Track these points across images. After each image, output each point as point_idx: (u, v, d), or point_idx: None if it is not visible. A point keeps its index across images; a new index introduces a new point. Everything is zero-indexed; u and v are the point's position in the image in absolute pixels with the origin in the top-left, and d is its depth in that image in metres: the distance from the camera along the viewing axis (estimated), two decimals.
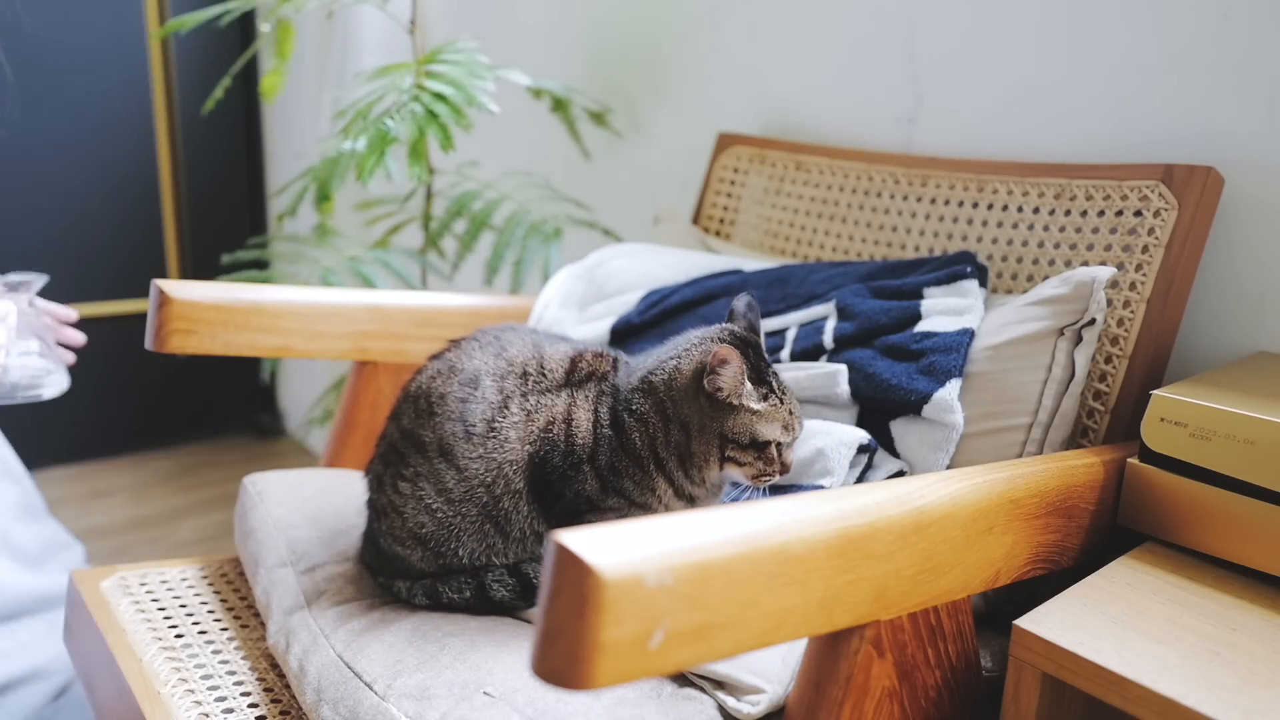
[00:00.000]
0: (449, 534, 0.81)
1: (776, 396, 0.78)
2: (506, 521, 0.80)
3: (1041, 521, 0.71)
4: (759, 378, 0.78)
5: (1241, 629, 0.64)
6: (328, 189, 1.35)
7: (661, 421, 0.78)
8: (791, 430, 0.78)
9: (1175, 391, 0.76)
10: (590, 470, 0.79)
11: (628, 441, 0.78)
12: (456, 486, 0.80)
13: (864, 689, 0.62)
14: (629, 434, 0.79)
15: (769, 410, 0.77)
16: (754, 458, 0.77)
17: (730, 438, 0.77)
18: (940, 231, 1.08)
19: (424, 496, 0.81)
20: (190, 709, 0.78)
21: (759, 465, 0.77)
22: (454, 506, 0.80)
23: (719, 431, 0.77)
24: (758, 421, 0.77)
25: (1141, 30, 0.98)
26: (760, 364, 0.79)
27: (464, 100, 1.35)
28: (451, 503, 0.80)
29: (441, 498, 0.80)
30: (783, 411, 0.78)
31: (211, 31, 2.15)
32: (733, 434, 0.77)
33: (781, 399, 0.78)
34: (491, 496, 0.80)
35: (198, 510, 2.26)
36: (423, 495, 0.81)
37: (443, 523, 0.80)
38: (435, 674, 0.72)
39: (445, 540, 0.81)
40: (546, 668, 0.46)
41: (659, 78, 1.54)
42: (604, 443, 0.79)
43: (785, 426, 0.78)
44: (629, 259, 1.23)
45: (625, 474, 0.79)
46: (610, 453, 0.79)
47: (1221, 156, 0.92)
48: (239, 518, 1.03)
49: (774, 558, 0.52)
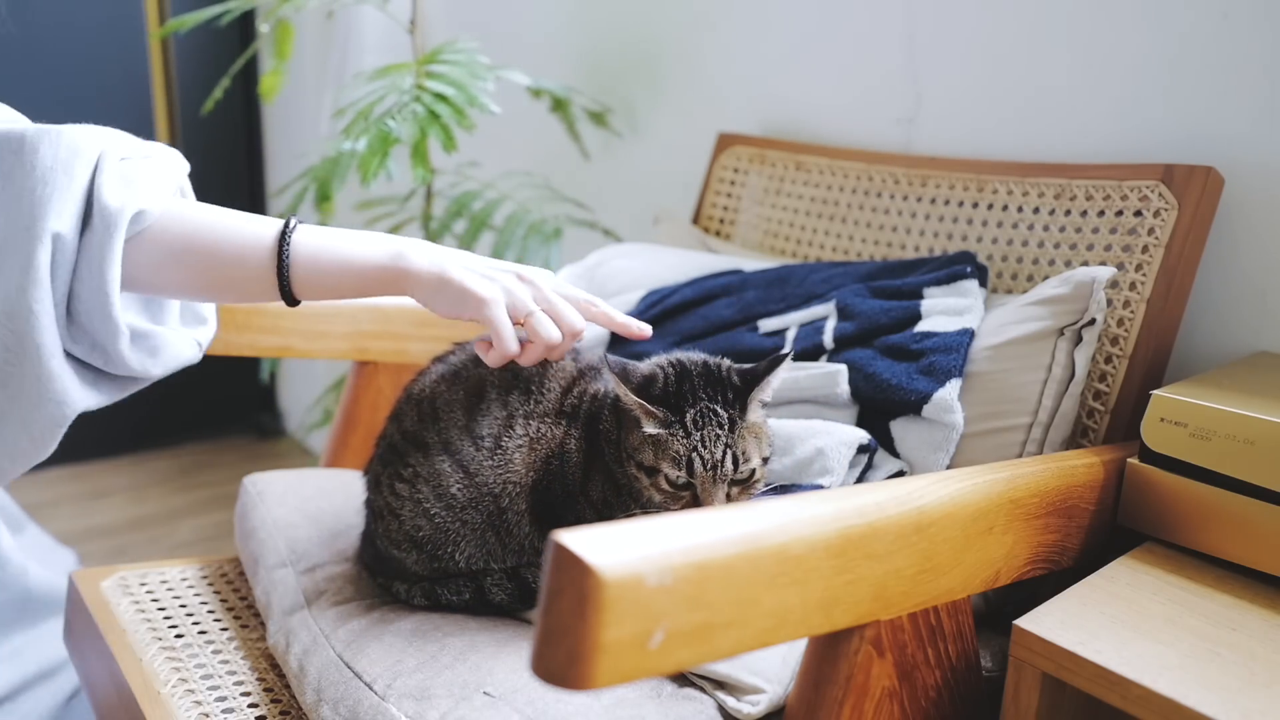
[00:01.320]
0: (445, 538, 0.80)
1: (681, 428, 0.74)
2: (508, 534, 0.80)
3: (1041, 521, 0.71)
4: (676, 405, 0.75)
5: (1241, 629, 0.64)
6: (328, 189, 1.35)
7: (617, 431, 0.78)
8: (683, 467, 0.73)
9: (1175, 391, 0.76)
10: (585, 503, 0.79)
11: (605, 467, 0.78)
12: (462, 492, 0.79)
13: (864, 689, 0.62)
14: (604, 454, 0.78)
15: (660, 436, 0.74)
16: (649, 483, 0.75)
17: (630, 453, 0.76)
18: (940, 231, 1.08)
19: (422, 499, 0.80)
20: (190, 709, 0.78)
21: (659, 494, 0.75)
22: (454, 512, 0.80)
23: (627, 444, 0.77)
24: (647, 445, 0.75)
25: (1141, 30, 0.98)
26: (689, 392, 0.75)
27: (465, 100, 1.35)
28: (452, 508, 0.80)
29: (441, 502, 0.80)
30: (678, 444, 0.74)
31: (211, 31, 2.15)
32: (632, 449, 0.76)
33: (686, 432, 0.74)
34: (498, 508, 0.80)
35: (197, 510, 2.26)
36: (421, 498, 0.80)
37: (440, 527, 0.80)
38: (435, 674, 0.72)
39: (442, 544, 0.80)
40: (546, 667, 0.46)
41: (659, 78, 1.54)
42: (595, 478, 0.79)
43: (676, 460, 0.73)
44: (629, 259, 1.23)
45: (617, 506, 0.78)
46: (601, 487, 0.79)
47: (1221, 156, 0.92)
48: (239, 518, 1.03)
49: (774, 558, 0.52)
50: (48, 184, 0.70)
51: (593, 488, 0.79)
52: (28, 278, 0.69)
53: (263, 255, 0.76)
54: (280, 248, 0.76)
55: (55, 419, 0.75)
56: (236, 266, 0.76)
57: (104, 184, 0.72)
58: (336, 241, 0.78)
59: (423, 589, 0.82)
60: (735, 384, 0.77)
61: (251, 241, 0.77)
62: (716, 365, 0.78)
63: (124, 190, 0.73)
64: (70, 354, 0.74)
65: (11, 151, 0.72)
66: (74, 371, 0.75)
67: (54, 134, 0.72)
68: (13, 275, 0.70)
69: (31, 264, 0.69)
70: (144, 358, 0.78)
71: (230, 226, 0.77)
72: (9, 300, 0.70)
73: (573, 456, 0.79)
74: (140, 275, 0.76)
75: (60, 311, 0.72)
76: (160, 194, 0.76)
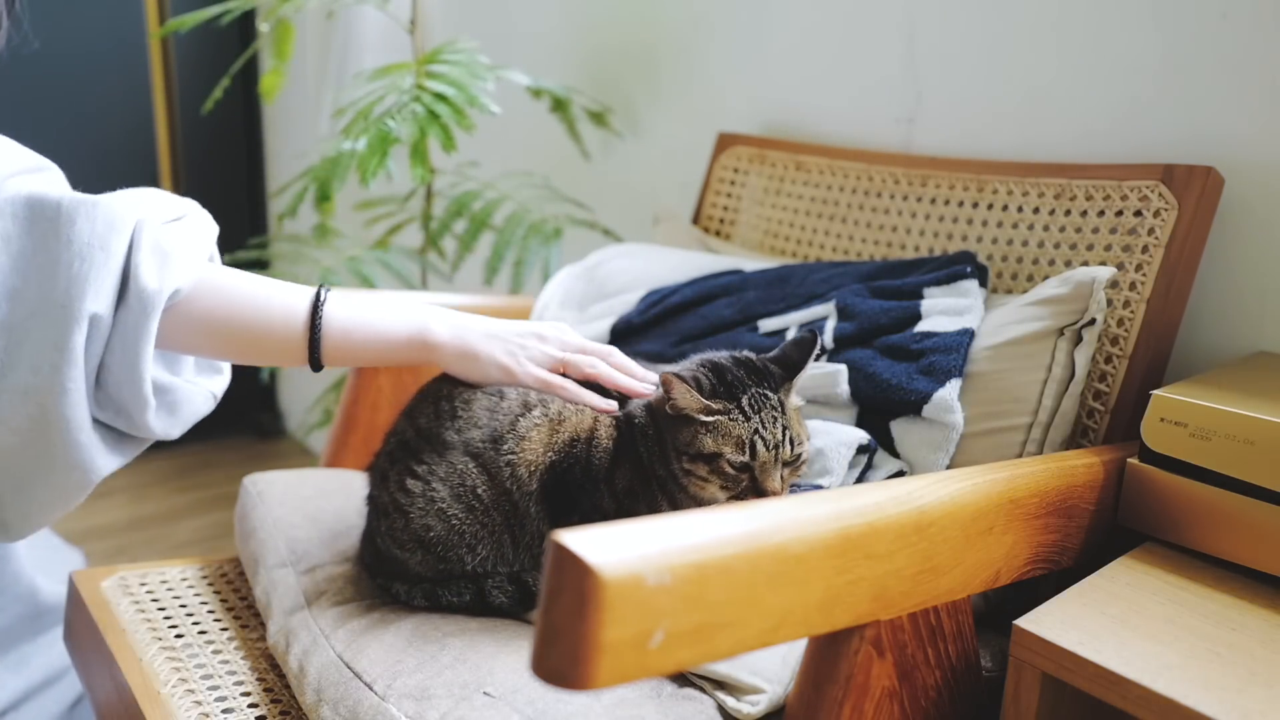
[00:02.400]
0: (460, 540, 0.79)
1: (740, 412, 0.76)
2: (520, 528, 0.80)
3: (1041, 521, 0.71)
4: (729, 394, 0.77)
5: (1241, 629, 0.64)
6: (328, 189, 1.35)
7: (656, 433, 0.79)
8: (746, 450, 0.75)
9: (1175, 391, 0.76)
10: (606, 490, 0.79)
11: (637, 458, 0.79)
12: (487, 493, 0.79)
13: (864, 689, 0.62)
14: (638, 449, 0.79)
15: (719, 423, 0.75)
16: (707, 472, 0.76)
17: (681, 448, 0.76)
18: (940, 231, 1.08)
19: (436, 499, 0.79)
20: (190, 709, 0.78)
21: (716, 481, 0.76)
22: (474, 514, 0.79)
23: (674, 443, 0.77)
24: (704, 433, 0.75)
25: (1141, 30, 0.98)
26: (735, 382, 0.77)
27: (465, 100, 1.35)
28: (473, 510, 0.79)
29: (460, 503, 0.79)
30: (740, 429, 0.75)
31: (211, 31, 2.15)
32: (683, 444, 0.76)
33: (745, 416, 0.76)
34: (510, 502, 0.79)
35: (197, 510, 2.26)
36: (435, 497, 0.79)
37: (455, 529, 0.79)
38: (435, 674, 0.72)
39: (454, 546, 0.79)
40: (546, 668, 0.46)
41: (659, 78, 1.54)
42: (624, 465, 0.79)
43: (740, 444, 0.75)
44: (629, 259, 1.23)
45: (640, 496, 0.78)
46: (629, 477, 0.79)
47: (1221, 156, 0.92)
48: (239, 518, 1.03)
49: (774, 558, 0.52)
50: (84, 260, 0.71)
51: (619, 476, 0.79)
52: (62, 357, 0.70)
53: (294, 328, 0.79)
54: (312, 320, 0.78)
55: (81, 483, 0.77)
56: (267, 337, 0.78)
57: (141, 263, 0.72)
58: (366, 315, 0.80)
59: (423, 590, 0.82)
60: (775, 371, 0.79)
61: (281, 314, 0.78)
62: (747, 358, 0.81)
63: (160, 269, 0.73)
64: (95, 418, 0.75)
65: (47, 219, 0.72)
66: (99, 437, 0.76)
67: (90, 206, 0.72)
68: (44, 350, 0.70)
69: (67, 344, 0.70)
70: (165, 419, 0.79)
71: (261, 297, 0.79)
72: (39, 374, 0.70)
73: (602, 443, 0.80)
74: (169, 343, 0.77)
75: (89, 382, 0.72)
76: (194, 266, 0.77)
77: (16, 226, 0.71)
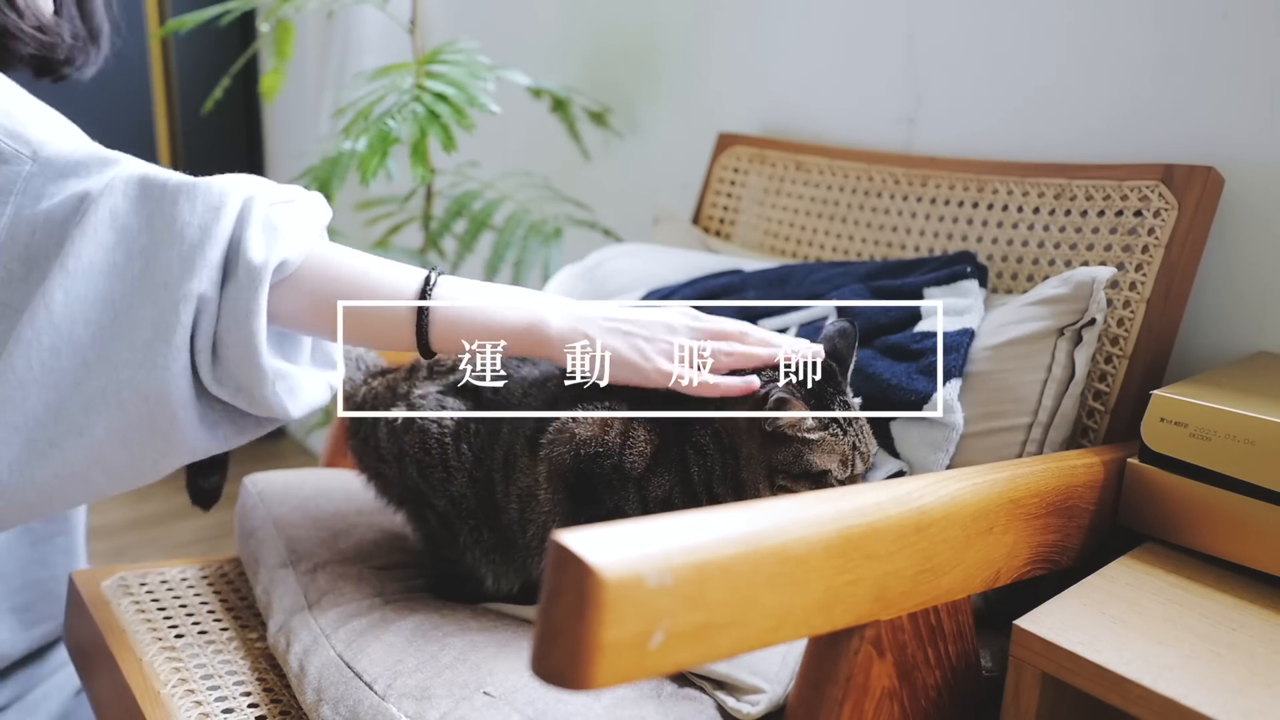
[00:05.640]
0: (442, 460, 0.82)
1: (838, 425, 0.73)
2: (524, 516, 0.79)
3: (1041, 521, 0.71)
4: (820, 404, 0.74)
5: (1241, 629, 0.64)
6: (328, 189, 1.35)
7: (719, 451, 0.75)
8: (850, 465, 0.73)
9: (1175, 391, 0.76)
10: (635, 494, 0.75)
11: (686, 476, 0.75)
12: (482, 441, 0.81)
13: (864, 689, 0.62)
14: (688, 468, 0.75)
15: (823, 439, 0.73)
16: (809, 489, 0.72)
17: (780, 467, 0.73)
18: (940, 231, 1.08)
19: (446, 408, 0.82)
20: (190, 709, 0.78)
21: None
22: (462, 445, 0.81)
23: (768, 462, 0.73)
24: (810, 451, 0.73)
25: (1141, 30, 0.98)
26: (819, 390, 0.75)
27: (465, 100, 1.35)
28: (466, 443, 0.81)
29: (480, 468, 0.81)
30: (843, 444, 0.73)
31: (211, 31, 2.15)
32: (783, 464, 0.73)
33: (843, 429, 0.73)
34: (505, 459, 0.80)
35: (197, 510, 2.26)
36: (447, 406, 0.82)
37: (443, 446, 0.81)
38: (435, 674, 0.72)
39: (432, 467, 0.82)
40: (546, 668, 0.46)
41: (659, 78, 1.54)
42: (662, 477, 0.75)
43: (844, 460, 0.73)
44: (629, 259, 1.23)
45: (676, 507, 0.75)
46: (667, 488, 0.75)
47: (1221, 156, 0.92)
48: (239, 518, 1.03)
49: (774, 558, 0.52)
50: (185, 241, 0.71)
51: (655, 485, 0.75)
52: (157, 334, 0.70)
53: (403, 310, 0.76)
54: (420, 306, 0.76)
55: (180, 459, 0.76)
56: (376, 317, 0.76)
57: (249, 237, 0.72)
58: (479, 301, 0.77)
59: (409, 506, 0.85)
60: (834, 368, 0.77)
61: (392, 295, 0.76)
62: (812, 363, 0.76)
63: (268, 242, 0.73)
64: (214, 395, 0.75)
65: (153, 199, 0.72)
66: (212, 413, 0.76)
67: (196, 188, 0.72)
68: (144, 329, 0.70)
69: (174, 323, 0.70)
70: (284, 398, 0.77)
71: (373, 275, 0.77)
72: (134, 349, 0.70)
73: (639, 445, 0.75)
74: (280, 318, 0.76)
75: (205, 358, 0.72)
76: (303, 241, 0.76)
77: (126, 203, 0.72)
